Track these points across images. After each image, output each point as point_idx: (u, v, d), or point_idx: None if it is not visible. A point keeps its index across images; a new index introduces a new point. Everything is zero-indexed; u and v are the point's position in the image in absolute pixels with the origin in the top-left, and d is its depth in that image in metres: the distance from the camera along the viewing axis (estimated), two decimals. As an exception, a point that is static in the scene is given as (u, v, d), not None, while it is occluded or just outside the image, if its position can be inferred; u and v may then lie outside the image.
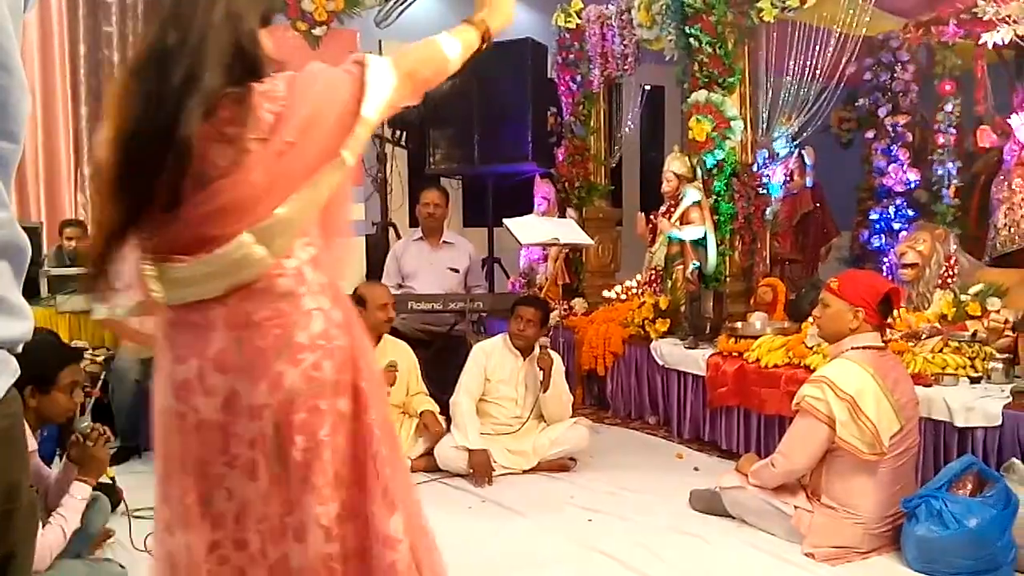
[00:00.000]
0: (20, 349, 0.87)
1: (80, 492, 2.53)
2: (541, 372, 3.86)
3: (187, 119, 1.33)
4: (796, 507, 2.95)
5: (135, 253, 1.45)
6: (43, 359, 2.56)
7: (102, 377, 4.26)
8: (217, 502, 1.46)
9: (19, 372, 0.86)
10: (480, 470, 3.75)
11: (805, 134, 5.68)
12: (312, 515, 1.44)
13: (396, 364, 3.96)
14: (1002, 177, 4.90)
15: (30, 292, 4.97)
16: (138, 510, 3.25)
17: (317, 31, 4.92)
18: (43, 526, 2.44)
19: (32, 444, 2.53)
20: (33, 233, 5.41)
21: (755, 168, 5.17)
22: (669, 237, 5.00)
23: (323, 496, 1.44)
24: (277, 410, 1.42)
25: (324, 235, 1.50)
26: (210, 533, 1.46)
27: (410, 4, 5.32)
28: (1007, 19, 4.36)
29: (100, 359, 4.46)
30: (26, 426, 2.45)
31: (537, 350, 3.90)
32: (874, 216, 5.99)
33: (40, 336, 2.71)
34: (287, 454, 1.43)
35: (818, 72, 5.06)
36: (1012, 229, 4.73)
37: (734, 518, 3.18)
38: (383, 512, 1.47)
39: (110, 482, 3.19)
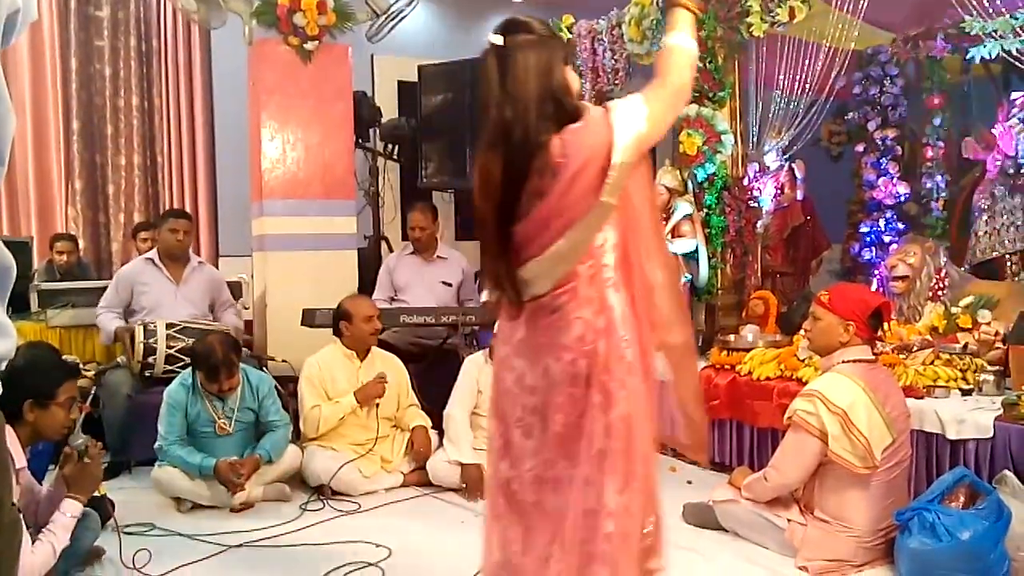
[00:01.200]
0: (3, 367, 0.86)
1: (71, 510, 2.51)
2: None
3: (526, 168, 1.82)
4: (789, 520, 2.95)
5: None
6: (43, 373, 2.57)
7: (93, 392, 4.25)
8: (511, 448, 1.94)
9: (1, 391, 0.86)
10: (473, 485, 3.74)
11: (795, 147, 5.72)
12: (564, 476, 1.85)
13: (385, 376, 3.95)
14: (985, 186, 4.94)
15: (20, 307, 4.95)
16: (128, 526, 3.23)
17: (309, 46, 4.92)
18: (32, 543, 2.42)
19: (21, 460, 2.52)
20: (23, 247, 5.41)
21: (746, 181, 5.19)
22: (661, 250, 5.00)
23: (575, 463, 1.83)
24: (543, 391, 1.87)
25: (622, 264, 1.87)
26: (508, 470, 1.94)
27: (401, 19, 5.34)
28: (994, 34, 4.40)
29: (91, 374, 4.43)
30: (16, 442, 2.46)
31: None
32: (864, 229, 6.02)
33: (40, 351, 2.74)
34: (547, 426, 1.87)
35: (808, 86, 5.10)
36: (992, 237, 4.77)
37: (727, 531, 3.17)
38: (611, 489, 1.80)
39: (100, 496, 3.17)
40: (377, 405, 3.95)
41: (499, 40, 1.89)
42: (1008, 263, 4.72)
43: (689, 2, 1.94)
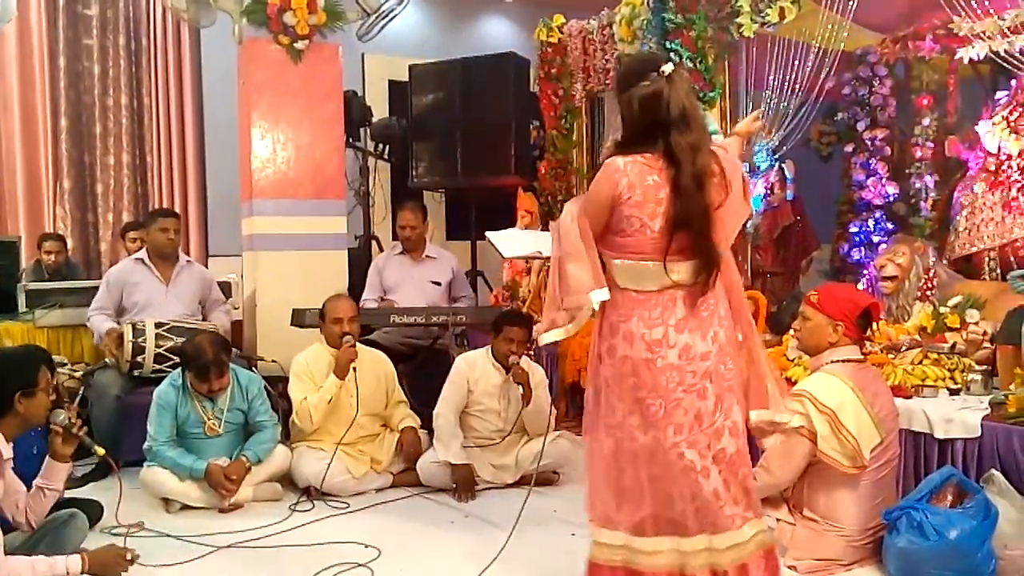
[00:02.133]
0: None
1: (73, 567, 2.51)
2: (520, 387, 3.84)
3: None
4: (778, 520, 2.96)
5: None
6: (23, 364, 2.65)
7: (81, 392, 4.22)
8: (677, 415, 2.25)
9: None
10: (463, 485, 3.74)
11: (785, 148, 5.72)
12: (738, 419, 2.32)
13: (353, 342, 3.92)
14: (966, 183, 4.96)
15: (8, 307, 4.93)
16: (116, 527, 3.22)
17: (299, 45, 4.91)
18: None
19: (8, 452, 2.53)
20: (11, 247, 5.38)
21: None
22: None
23: (740, 408, 2.34)
24: (716, 356, 2.28)
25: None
26: (672, 435, 2.25)
27: (392, 18, 5.34)
28: (982, 35, 4.42)
29: (79, 374, 4.41)
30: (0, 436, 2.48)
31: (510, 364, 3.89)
32: (854, 229, 6.03)
33: (14, 347, 2.76)
34: (720, 382, 2.29)
35: (797, 86, 5.11)
36: (971, 232, 4.78)
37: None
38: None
39: (92, 499, 3.19)
40: (357, 389, 3.90)
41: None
42: (986, 259, 4.74)
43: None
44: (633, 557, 2.30)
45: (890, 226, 5.88)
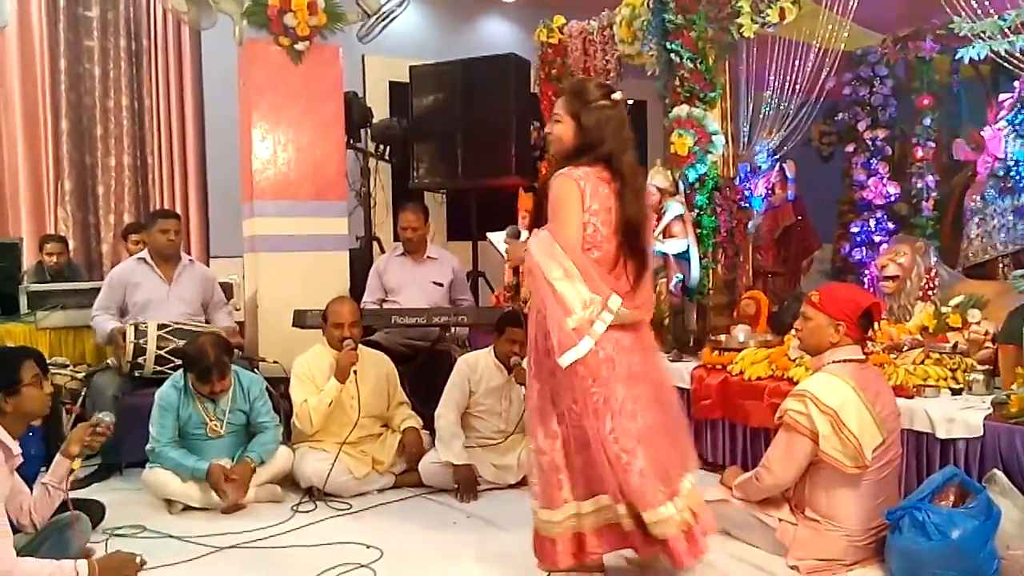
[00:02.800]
0: None
1: (82, 571, 2.51)
2: (523, 387, 3.84)
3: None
4: (780, 520, 2.96)
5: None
6: (5, 364, 2.66)
7: (83, 394, 4.22)
8: (612, 404, 2.56)
9: None
10: (465, 486, 3.74)
11: (786, 148, 5.73)
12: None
13: (354, 346, 3.92)
14: (975, 189, 4.96)
15: (9, 308, 4.93)
16: (118, 528, 3.23)
17: (299, 46, 4.91)
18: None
19: (16, 449, 2.54)
20: (13, 249, 5.38)
21: (737, 182, 5.20)
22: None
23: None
24: (640, 350, 2.66)
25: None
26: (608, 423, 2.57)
27: (392, 20, 5.34)
28: (983, 35, 4.43)
29: (81, 376, 4.41)
30: (5, 434, 2.49)
31: (512, 364, 3.88)
32: (855, 229, 6.05)
33: None
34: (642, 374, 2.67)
35: (798, 87, 5.12)
36: (984, 240, 4.78)
37: (719, 531, 3.17)
38: None
39: (95, 500, 3.19)
40: (358, 391, 3.91)
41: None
42: (1000, 265, 4.74)
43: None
44: (580, 522, 2.67)
45: (891, 226, 5.89)
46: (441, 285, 4.93)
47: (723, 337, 4.34)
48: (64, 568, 2.48)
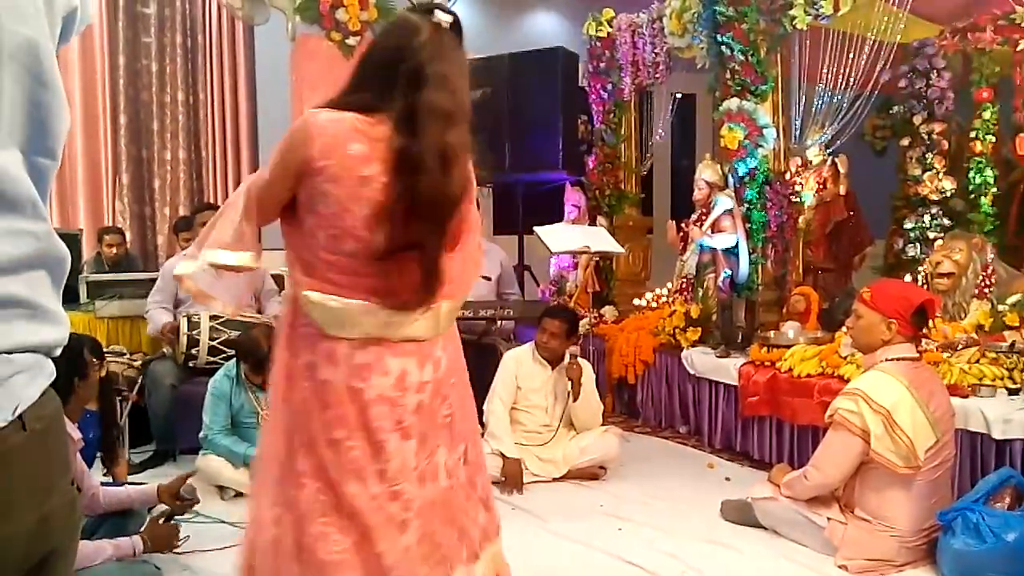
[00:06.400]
0: (57, 353, 0.90)
1: (138, 547, 2.63)
2: (570, 382, 3.85)
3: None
4: (829, 519, 2.92)
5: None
6: (74, 349, 2.76)
7: (139, 382, 4.34)
8: (380, 459, 1.77)
9: (55, 375, 0.90)
10: (512, 478, 3.75)
11: (839, 142, 5.63)
12: (442, 461, 1.85)
13: None
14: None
15: (69, 298, 5.06)
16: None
17: (351, 41, 4.97)
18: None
19: (76, 433, 2.64)
20: (73, 240, 5.53)
21: (788, 176, 5.14)
22: (700, 245, 4.98)
23: (454, 447, 1.89)
24: (433, 384, 1.84)
25: None
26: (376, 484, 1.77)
27: (442, 14, 5.36)
28: (1046, 25, 4.30)
29: (137, 364, 4.53)
30: (67, 420, 2.61)
31: (567, 359, 3.89)
32: (909, 225, 5.91)
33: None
34: (434, 417, 1.85)
35: (852, 80, 5.02)
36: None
37: (766, 529, 3.15)
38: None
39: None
40: None
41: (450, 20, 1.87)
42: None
43: None
44: None
45: (946, 222, 5.75)
46: (488, 279, 4.94)
47: (772, 333, 4.30)
48: (122, 545, 2.57)
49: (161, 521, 2.81)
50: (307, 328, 1.78)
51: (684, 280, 5.21)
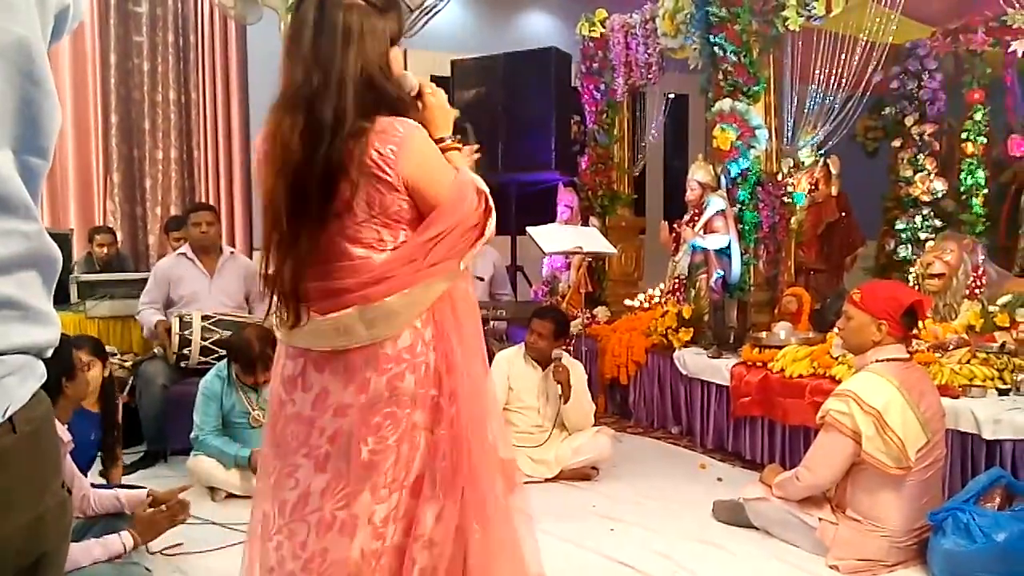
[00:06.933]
0: (48, 354, 0.90)
1: (127, 543, 2.58)
2: (559, 385, 3.85)
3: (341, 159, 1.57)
4: (821, 519, 2.93)
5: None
6: (62, 349, 2.71)
7: (130, 382, 4.32)
8: (284, 490, 1.66)
9: (46, 376, 0.89)
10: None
11: (831, 143, 5.64)
12: (366, 513, 1.60)
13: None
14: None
15: (60, 298, 5.04)
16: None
17: (343, 41, 4.95)
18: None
19: (66, 435, 2.62)
20: (64, 240, 5.50)
21: (780, 177, 5.15)
22: (692, 246, 4.99)
23: (379, 496, 1.61)
24: (358, 410, 1.61)
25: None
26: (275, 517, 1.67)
27: (435, 14, 5.36)
28: (1036, 27, 4.32)
29: (128, 364, 4.51)
30: (56, 421, 2.58)
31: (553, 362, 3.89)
32: (900, 226, 5.93)
33: None
34: (356, 453, 1.60)
35: (844, 81, 5.03)
36: (1044, 239, 4.68)
37: (758, 529, 3.16)
38: (427, 516, 1.64)
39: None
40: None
41: None
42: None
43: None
44: None
45: (938, 223, 5.77)
46: (482, 279, 4.94)
47: (764, 334, 4.31)
48: (111, 544, 2.54)
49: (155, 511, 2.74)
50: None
51: (676, 281, 5.22)
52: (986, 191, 5.67)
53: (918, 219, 5.84)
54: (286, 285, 1.62)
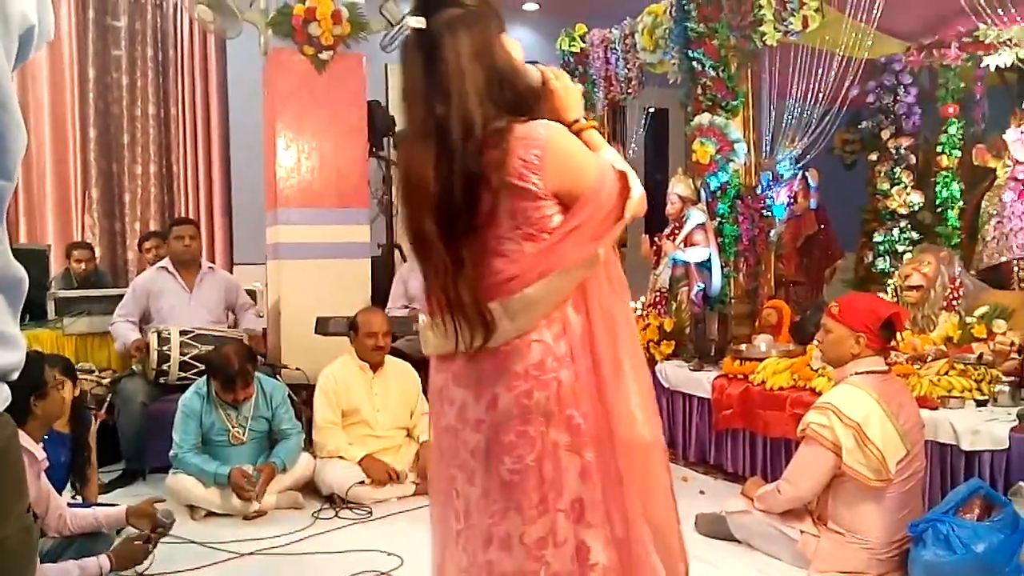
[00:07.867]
0: (14, 377, 0.88)
1: (104, 565, 2.60)
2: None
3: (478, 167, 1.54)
4: (802, 532, 2.94)
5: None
6: (30, 370, 2.69)
7: (108, 399, 4.28)
8: (452, 498, 1.69)
9: (10, 399, 0.87)
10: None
11: (809, 156, 5.69)
12: (516, 532, 1.58)
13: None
14: (994, 192, 4.93)
15: (37, 314, 5.00)
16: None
17: (324, 56, 4.96)
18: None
19: (40, 454, 2.59)
20: (41, 256, 5.46)
21: (759, 190, 5.18)
22: (673, 259, 5.01)
23: (528, 517, 1.58)
24: (490, 427, 1.60)
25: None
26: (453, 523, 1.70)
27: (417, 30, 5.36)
28: (1008, 42, 4.38)
29: (106, 381, 4.47)
30: (29, 439, 2.54)
31: None
32: (878, 238, 5.99)
33: None
34: (496, 470, 1.60)
35: (821, 95, 5.07)
36: (999, 242, 4.74)
37: (740, 542, 3.16)
38: (596, 545, 1.59)
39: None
40: (377, 411, 3.96)
41: (421, 23, 1.60)
42: (1016, 269, 4.69)
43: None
44: None
45: (915, 235, 5.83)
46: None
47: (744, 347, 4.33)
48: (88, 567, 2.53)
49: (136, 543, 2.76)
50: None
51: (657, 293, 5.23)
52: (962, 203, 5.73)
53: (896, 231, 5.89)
54: (469, 310, 1.56)
